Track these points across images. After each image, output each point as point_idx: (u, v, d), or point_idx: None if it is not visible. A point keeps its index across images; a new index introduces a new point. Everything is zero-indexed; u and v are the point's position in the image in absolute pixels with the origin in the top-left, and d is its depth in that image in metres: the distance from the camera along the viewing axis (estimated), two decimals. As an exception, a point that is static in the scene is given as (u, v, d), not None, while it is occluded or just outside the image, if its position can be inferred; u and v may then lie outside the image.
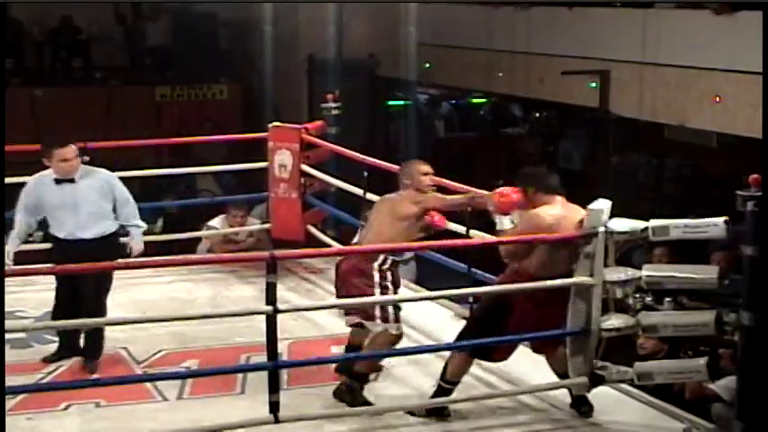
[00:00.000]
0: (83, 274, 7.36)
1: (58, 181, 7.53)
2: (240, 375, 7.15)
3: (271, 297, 6.16)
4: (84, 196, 7.53)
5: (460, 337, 6.88)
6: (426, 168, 7.31)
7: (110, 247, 7.54)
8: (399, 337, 6.96)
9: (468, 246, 7.97)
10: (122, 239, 7.80)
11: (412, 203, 7.08)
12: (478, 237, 7.84)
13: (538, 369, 7.07)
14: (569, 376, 6.76)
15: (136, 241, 7.77)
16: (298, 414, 6.55)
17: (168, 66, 19.64)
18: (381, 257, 6.98)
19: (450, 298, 8.25)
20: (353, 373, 6.94)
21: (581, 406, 6.83)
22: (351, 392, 6.87)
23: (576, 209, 6.77)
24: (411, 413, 6.74)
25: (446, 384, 6.76)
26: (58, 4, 18.49)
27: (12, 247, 7.51)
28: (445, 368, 6.80)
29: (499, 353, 6.86)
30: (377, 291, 6.93)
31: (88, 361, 7.56)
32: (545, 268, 6.62)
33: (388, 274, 7.01)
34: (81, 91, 18.58)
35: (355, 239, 7.67)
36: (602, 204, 6.64)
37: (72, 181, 7.54)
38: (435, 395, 6.77)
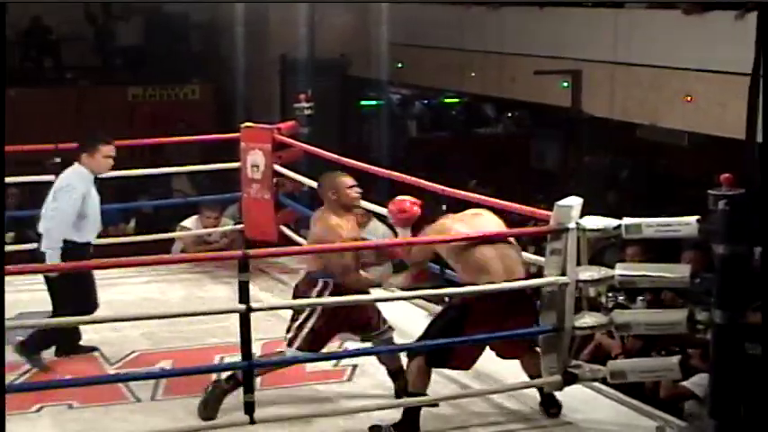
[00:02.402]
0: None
1: (95, 180, 7.56)
2: (214, 376, 7.14)
3: (244, 295, 6.15)
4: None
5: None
6: (351, 181, 7.01)
7: None
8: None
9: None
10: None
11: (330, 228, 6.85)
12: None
13: (510, 368, 7.07)
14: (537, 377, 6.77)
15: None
16: (273, 415, 6.54)
17: (140, 66, 19.61)
18: (321, 283, 6.78)
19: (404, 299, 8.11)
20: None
21: (550, 407, 6.80)
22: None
23: (494, 219, 6.77)
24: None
25: (411, 396, 6.56)
26: (27, 4, 18.40)
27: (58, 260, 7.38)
28: (406, 381, 6.66)
29: (458, 359, 6.70)
30: (302, 316, 6.73)
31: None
32: (478, 277, 6.52)
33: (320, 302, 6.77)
34: (52, 91, 18.52)
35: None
36: (571, 201, 6.65)
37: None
38: (405, 411, 6.55)
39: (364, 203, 7.81)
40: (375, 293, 7.20)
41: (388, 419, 6.59)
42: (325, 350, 6.93)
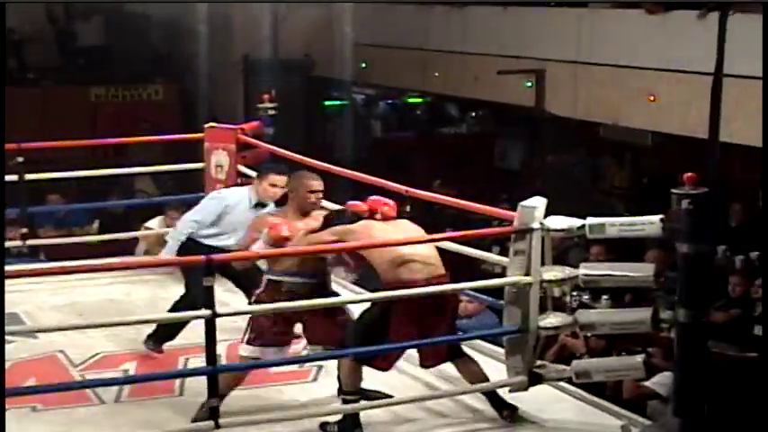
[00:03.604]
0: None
1: (256, 205, 7.94)
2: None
3: (209, 301, 6.12)
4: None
5: (347, 343, 6.70)
6: (314, 185, 6.98)
7: None
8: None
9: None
10: None
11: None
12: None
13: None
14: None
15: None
16: (238, 420, 6.50)
17: (103, 66, 19.51)
18: (264, 282, 6.85)
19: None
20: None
21: (502, 409, 6.75)
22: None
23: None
24: (323, 429, 6.59)
25: (348, 396, 6.58)
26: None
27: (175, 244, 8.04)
28: (340, 381, 6.69)
29: (380, 361, 6.64)
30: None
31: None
32: (395, 273, 6.52)
33: (255, 299, 6.84)
34: (14, 91, 18.38)
35: None
36: (536, 202, 6.66)
37: (265, 206, 7.82)
38: (345, 412, 6.57)
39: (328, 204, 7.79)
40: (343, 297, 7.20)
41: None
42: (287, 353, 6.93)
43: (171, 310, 7.85)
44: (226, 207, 8.05)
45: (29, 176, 9.49)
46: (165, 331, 7.82)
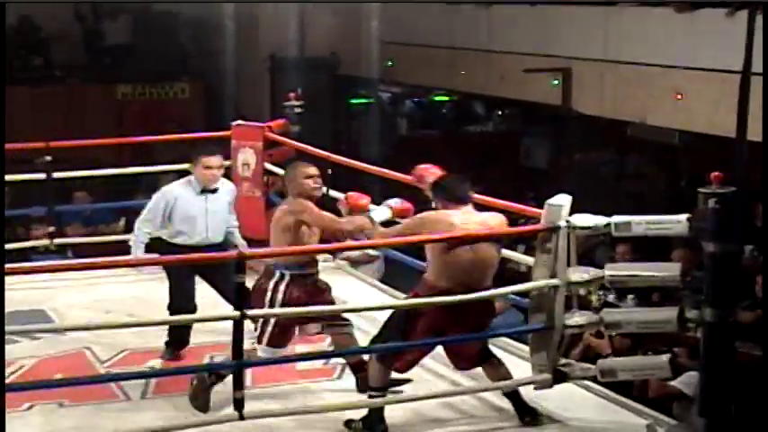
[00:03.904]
0: (215, 270, 7.55)
1: (202, 191, 7.87)
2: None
3: (240, 299, 6.14)
4: (222, 205, 7.97)
5: (373, 342, 6.74)
6: (310, 171, 7.01)
7: (226, 248, 7.96)
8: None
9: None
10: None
11: (289, 213, 6.86)
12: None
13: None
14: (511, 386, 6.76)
15: (239, 241, 8.22)
16: (262, 410, 6.54)
17: (130, 64, 19.57)
18: (278, 274, 6.83)
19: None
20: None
21: (524, 415, 6.72)
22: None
23: (490, 216, 6.70)
24: (348, 426, 6.61)
25: (374, 392, 6.59)
26: (16, 3, 18.35)
27: (137, 248, 7.91)
28: (368, 378, 6.67)
29: (400, 363, 6.64)
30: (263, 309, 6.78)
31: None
32: (441, 277, 6.47)
33: (279, 292, 6.81)
34: (41, 90, 18.49)
35: None
36: (562, 200, 6.64)
37: (215, 191, 7.92)
38: (370, 408, 6.59)
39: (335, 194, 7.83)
40: (352, 304, 7.19)
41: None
42: (310, 349, 6.93)
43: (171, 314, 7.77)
44: (170, 200, 7.88)
45: (56, 175, 9.53)
46: (176, 336, 7.75)
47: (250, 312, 6.24)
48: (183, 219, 7.82)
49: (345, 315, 7.07)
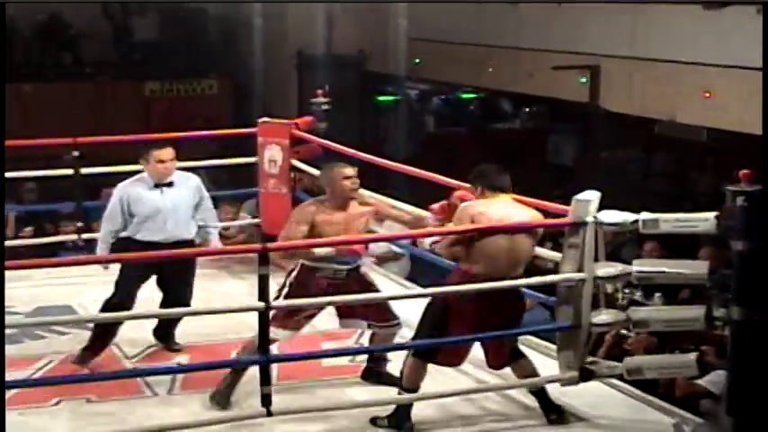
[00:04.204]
0: (174, 267, 7.62)
1: (156, 186, 7.73)
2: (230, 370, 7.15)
3: (263, 291, 6.15)
4: (182, 200, 7.79)
5: (413, 339, 6.75)
6: (348, 171, 7.05)
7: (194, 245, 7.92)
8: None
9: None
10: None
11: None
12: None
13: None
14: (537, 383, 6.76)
15: (216, 242, 8.23)
16: (290, 407, 6.55)
17: (158, 61, 19.62)
18: (292, 264, 6.97)
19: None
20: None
21: (549, 413, 6.72)
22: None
23: (526, 209, 6.71)
24: (373, 423, 6.64)
25: (405, 392, 6.60)
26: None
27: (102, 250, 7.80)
28: (401, 374, 6.69)
29: (444, 356, 6.69)
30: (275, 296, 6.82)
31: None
32: (475, 264, 6.50)
33: (287, 281, 6.93)
34: (70, 86, 18.55)
35: None
36: (590, 195, 6.63)
37: (171, 185, 7.76)
38: (397, 405, 6.63)
39: (381, 198, 7.80)
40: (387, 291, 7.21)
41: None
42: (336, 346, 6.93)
43: (102, 311, 7.61)
44: (124, 198, 7.74)
45: (84, 170, 9.56)
46: (99, 338, 7.56)
47: (274, 303, 6.25)
48: (141, 215, 7.69)
49: (395, 315, 7.08)
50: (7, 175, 9.46)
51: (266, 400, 6.30)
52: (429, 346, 6.60)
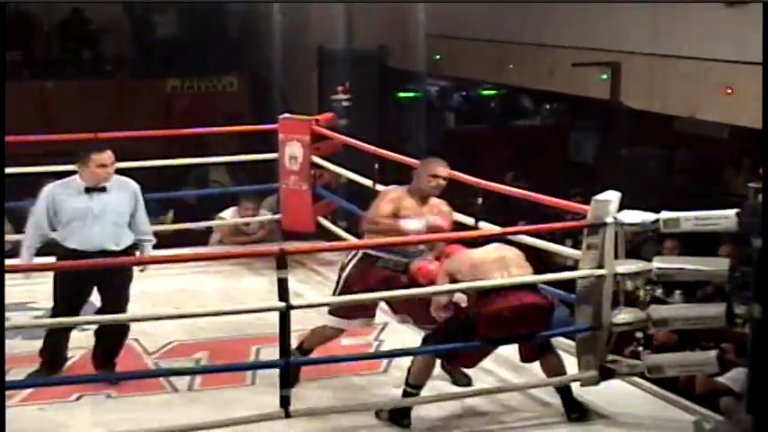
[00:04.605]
0: (108, 282, 7.20)
1: (87, 189, 7.20)
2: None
3: (283, 293, 6.16)
4: (113, 207, 7.23)
5: (425, 342, 6.76)
6: (437, 170, 7.08)
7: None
8: (337, 331, 7.03)
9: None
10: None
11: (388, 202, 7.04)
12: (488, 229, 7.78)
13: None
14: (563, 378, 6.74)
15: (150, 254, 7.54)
16: (308, 408, 6.56)
17: (179, 57, 19.63)
18: (351, 253, 7.04)
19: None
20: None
21: (571, 412, 6.70)
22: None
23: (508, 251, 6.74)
24: (377, 415, 6.66)
25: (410, 388, 6.62)
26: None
27: (28, 260, 7.27)
28: (409, 371, 6.68)
29: (462, 359, 6.78)
30: (334, 286, 7.07)
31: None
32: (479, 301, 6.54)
33: (348, 270, 7.00)
34: (91, 83, 18.59)
35: None
36: (609, 196, 6.62)
37: (103, 190, 7.22)
38: (408, 405, 6.63)
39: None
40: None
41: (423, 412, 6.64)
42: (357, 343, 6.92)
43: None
44: (50, 201, 7.18)
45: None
46: (49, 352, 7.26)
47: (295, 303, 6.26)
48: (68, 220, 7.16)
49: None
50: (27, 170, 9.51)
51: (285, 401, 6.30)
52: (451, 350, 6.63)
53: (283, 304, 6.16)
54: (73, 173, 7.35)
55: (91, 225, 7.16)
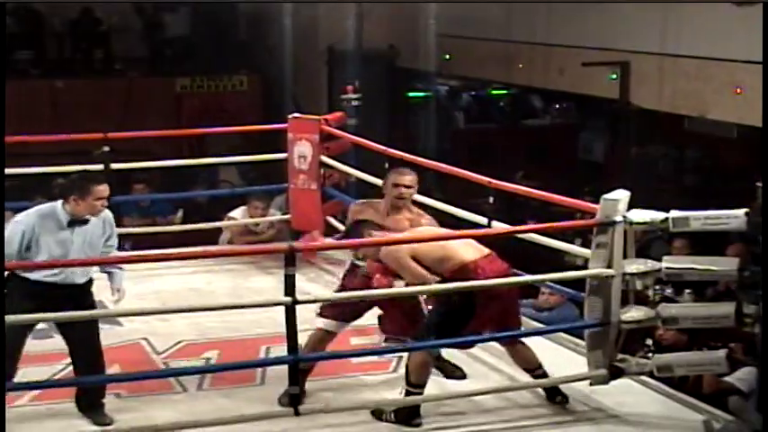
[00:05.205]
0: (70, 323, 6.67)
1: (70, 223, 6.65)
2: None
3: (289, 289, 6.16)
4: (90, 238, 6.74)
5: (419, 339, 6.73)
6: (400, 179, 7.12)
7: (90, 288, 6.86)
8: (327, 333, 6.98)
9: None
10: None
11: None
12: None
13: (559, 362, 7.07)
14: (535, 370, 6.81)
15: (120, 283, 7.02)
16: (317, 407, 6.57)
17: (189, 57, 19.65)
18: (349, 264, 7.12)
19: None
20: None
21: (554, 396, 6.81)
22: None
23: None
24: (378, 417, 6.66)
25: (412, 388, 6.62)
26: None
27: None
28: (407, 370, 6.68)
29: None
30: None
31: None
32: (441, 264, 6.62)
33: (342, 277, 7.13)
34: (101, 82, 18.62)
35: None
36: (618, 195, 6.62)
37: (86, 222, 6.70)
38: (415, 403, 6.64)
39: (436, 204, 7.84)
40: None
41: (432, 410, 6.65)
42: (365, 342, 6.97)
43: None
44: (28, 232, 6.57)
45: (115, 166, 9.60)
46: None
47: (302, 298, 6.27)
48: (45, 254, 6.58)
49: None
50: (37, 170, 9.54)
51: (294, 399, 6.31)
52: (445, 344, 6.72)
53: (289, 299, 6.17)
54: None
55: (67, 258, 6.64)
